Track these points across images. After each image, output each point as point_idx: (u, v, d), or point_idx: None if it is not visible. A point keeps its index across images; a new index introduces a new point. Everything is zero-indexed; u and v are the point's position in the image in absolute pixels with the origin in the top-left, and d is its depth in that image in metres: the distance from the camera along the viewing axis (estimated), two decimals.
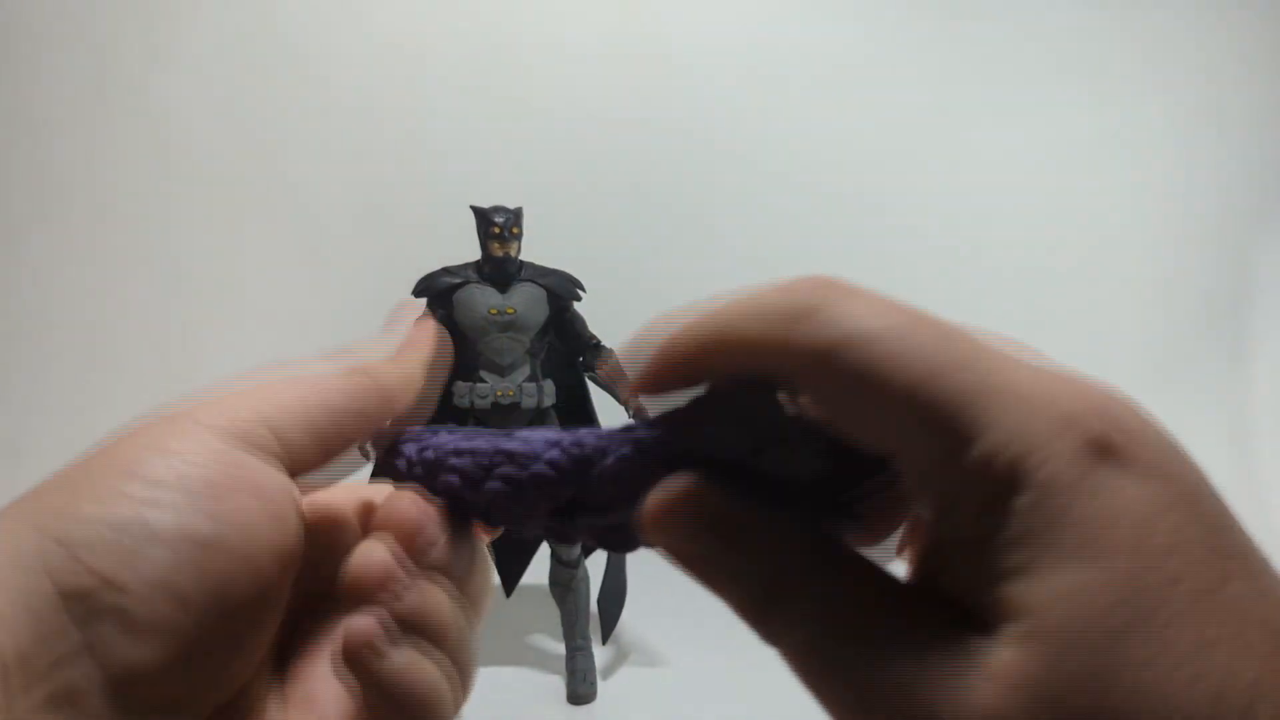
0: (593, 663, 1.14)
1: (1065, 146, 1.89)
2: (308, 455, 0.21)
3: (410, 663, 0.20)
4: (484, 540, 0.24)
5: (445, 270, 1.13)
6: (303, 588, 0.22)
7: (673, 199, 1.80)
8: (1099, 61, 1.89)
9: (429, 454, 0.23)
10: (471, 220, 1.13)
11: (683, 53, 1.80)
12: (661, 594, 1.33)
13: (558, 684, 1.14)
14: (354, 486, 0.25)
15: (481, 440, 0.22)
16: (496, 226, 1.09)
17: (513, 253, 1.11)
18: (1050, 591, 0.14)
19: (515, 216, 1.11)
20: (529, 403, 1.11)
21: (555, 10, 1.76)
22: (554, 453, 0.21)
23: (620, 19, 1.77)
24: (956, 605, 0.16)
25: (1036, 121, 1.89)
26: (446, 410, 1.11)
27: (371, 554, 0.21)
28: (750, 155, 1.82)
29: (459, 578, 0.22)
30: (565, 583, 1.16)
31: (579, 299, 1.16)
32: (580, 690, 1.11)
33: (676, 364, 0.19)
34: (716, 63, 1.80)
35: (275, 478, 0.20)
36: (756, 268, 1.96)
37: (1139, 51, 1.90)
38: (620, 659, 1.22)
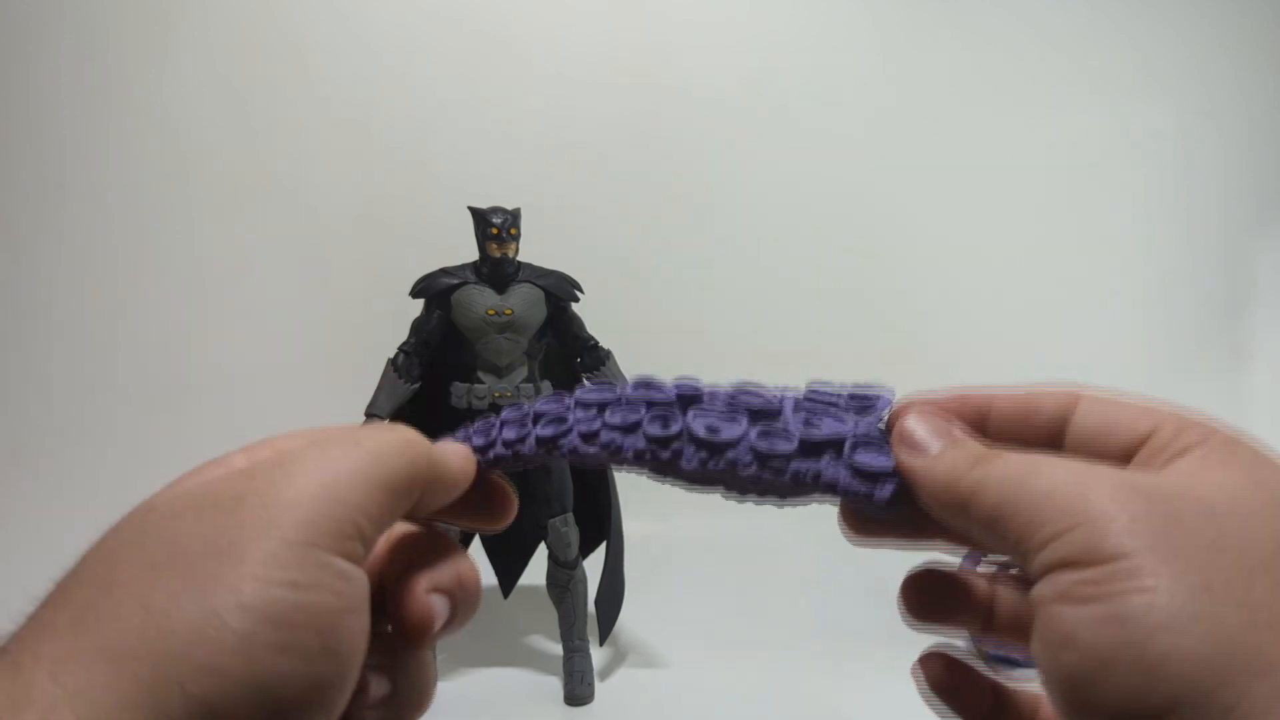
0: (590, 664, 1.14)
1: (1065, 147, 1.89)
2: (372, 541, 0.21)
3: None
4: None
5: (443, 271, 1.13)
6: None
7: (671, 200, 1.79)
8: (1099, 63, 1.89)
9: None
10: (469, 221, 1.12)
11: (681, 53, 1.79)
12: (659, 595, 1.33)
13: (555, 685, 1.14)
14: None
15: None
16: (494, 227, 1.09)
17: (511, 253, 1.11)
18: None
19: (513, 217, 1.11)
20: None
21: (554, 11, 1.76)
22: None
23: (619, 20, 1.77)
24: None
25: (1036, 123, 1.89)
26: (443, 412, 1.11)
27: (436, 608, 0.23)
28: (749, 156, 1.82)
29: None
30: (563, 584, 1.15)
31: (577, 300, 1.16)
32: (578, 691, 1.10)
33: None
34: (715, 63, 1.80)
35: (362, 582, 0.20)
36: (755, 269, 1.96)
37: (1139, 52, 1.89)
38: (618, 660, 1.21)
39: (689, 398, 0.26)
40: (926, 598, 0.25)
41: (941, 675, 0.25)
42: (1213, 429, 0.21)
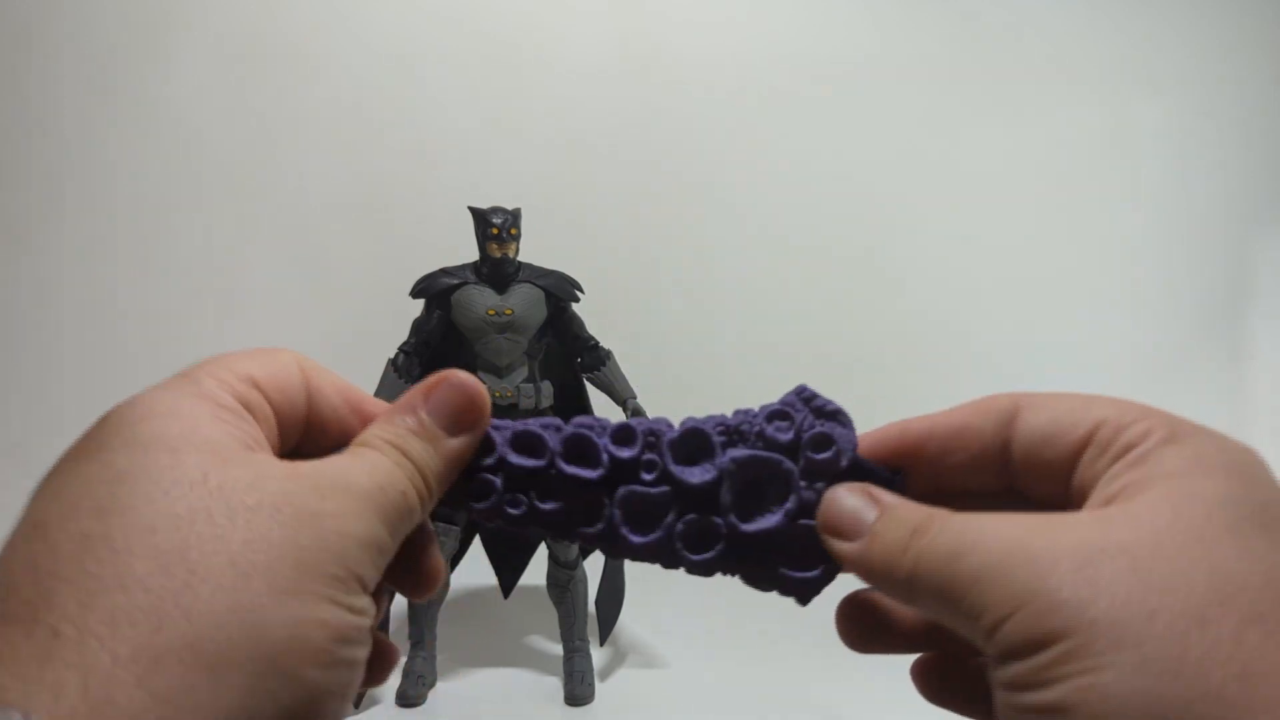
0: (590, 664, 1.14)
1: (1064, 148, 1.89)
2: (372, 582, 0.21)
3: None
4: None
5: (443, 271, 1.13)
6: None
7: (671, 200, 1.79)
8: (1098, 62, 1.89)
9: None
10: (469, 221, 1.12)
11: (683, 54, 1.79)
12: (659, 595, 1.33)
13: (555, 685, 1.14)
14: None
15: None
16: (495, 227, 1.09)
17: (511, 254, 1.11)
18: None
19: (513, 217, 1.11)
20: (526, 404, 1.11)
21: (555, 11, 1.76)
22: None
23: (620, 21, 1.77)
24: None
25: (1036, 123, 1.89)
26: None
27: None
28: (749, 157, 1.82)
29: None
30: (563, 584, 1.15)
31: (577, 300, 1.16)
32: (578, 691, 1.10)
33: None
34: (716, 63, 1.80)
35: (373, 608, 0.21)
36: (756, 268, 1.96)
37: (1138, 52, 1.89)
38: (618, 660, 1.22)
39: (622, 470, 0.25)
40: (860, 624, 0.25)
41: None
42: (1154, 421, 0.20)
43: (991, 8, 1.86)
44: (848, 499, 0.23)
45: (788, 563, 0.24)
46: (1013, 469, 0.23)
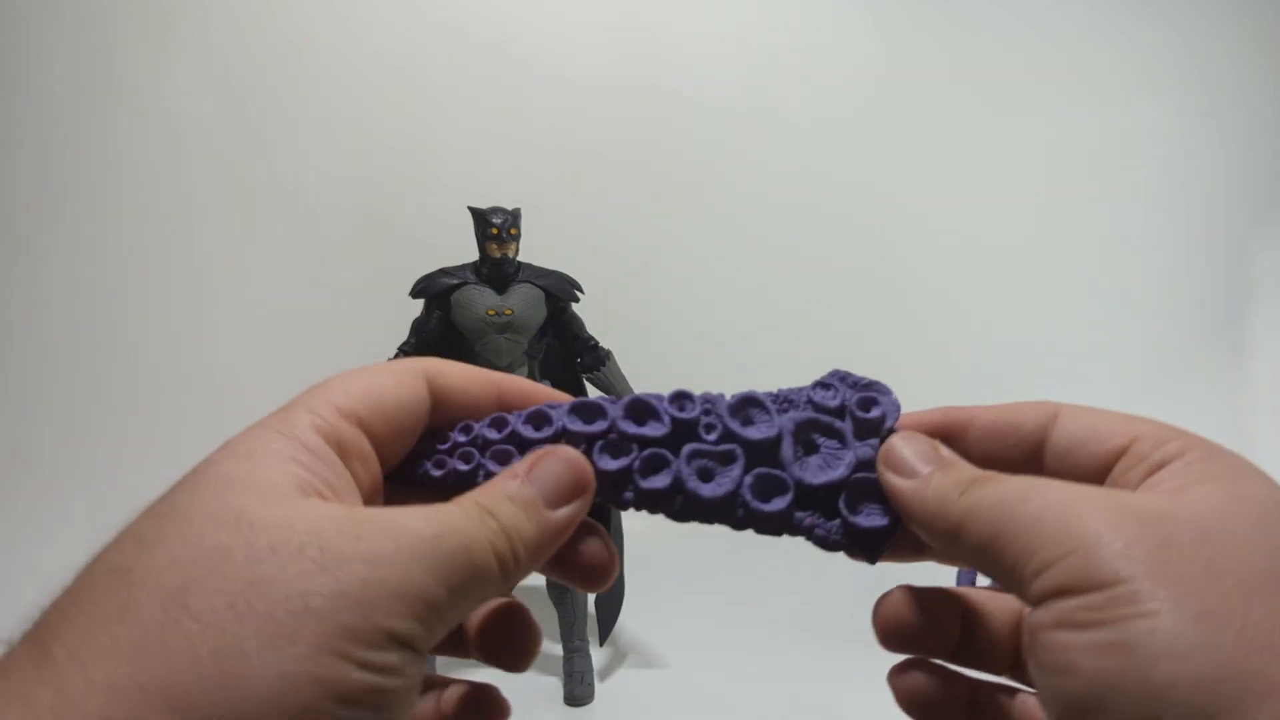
0: (590, 664, 1.14)
1: (1065, 148, 1.89)
2: (437, 631, 0.20)
3: None
4: None
5: (443, 271, 1.13)
6: None
7: (671, 200, 1.79)
8: (1099, 63, 1.89)
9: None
10: (469, 221, 1.12)
11: (683, 54, 1.79)
12: (659, 596, 1.33)
13: (555, 685, 1.14)
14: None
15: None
16: (494, 227, 1.09)
17: (511, 254, 1.11)
18: None
19: (513, 217, 1.11)
20: None
21: (555, 12, 1.76)
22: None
23: (620, 21, 1.77)
24: None
25: (1036, 124, 1.89)
26: None
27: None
28: (748, 158, 1.82)
29: None
30: (563, 584, 1.15)
31: (577, 300, 1.15)
32: (577, 692, 1.10)
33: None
34: (716, 67, 1.80)
35: (420, 666, 0.19)
36: (754, 270, 1.95)
37: (1139, 52, 1.90)
38: (618, 661, 1.21)
39: (684, 429, 0.25)
40: (900, 624, 0.25)
41: (917, 686, 0.25)
42: (1190, 441, 0.21)
43: (992, 10, 1.86)
44: (913, 444, 0.24)
45: (853, 515, 0.24)
46: (1044, 471, 0.23)
